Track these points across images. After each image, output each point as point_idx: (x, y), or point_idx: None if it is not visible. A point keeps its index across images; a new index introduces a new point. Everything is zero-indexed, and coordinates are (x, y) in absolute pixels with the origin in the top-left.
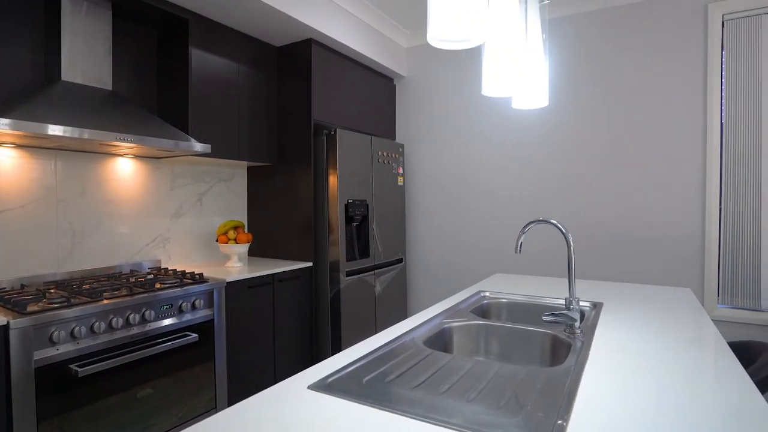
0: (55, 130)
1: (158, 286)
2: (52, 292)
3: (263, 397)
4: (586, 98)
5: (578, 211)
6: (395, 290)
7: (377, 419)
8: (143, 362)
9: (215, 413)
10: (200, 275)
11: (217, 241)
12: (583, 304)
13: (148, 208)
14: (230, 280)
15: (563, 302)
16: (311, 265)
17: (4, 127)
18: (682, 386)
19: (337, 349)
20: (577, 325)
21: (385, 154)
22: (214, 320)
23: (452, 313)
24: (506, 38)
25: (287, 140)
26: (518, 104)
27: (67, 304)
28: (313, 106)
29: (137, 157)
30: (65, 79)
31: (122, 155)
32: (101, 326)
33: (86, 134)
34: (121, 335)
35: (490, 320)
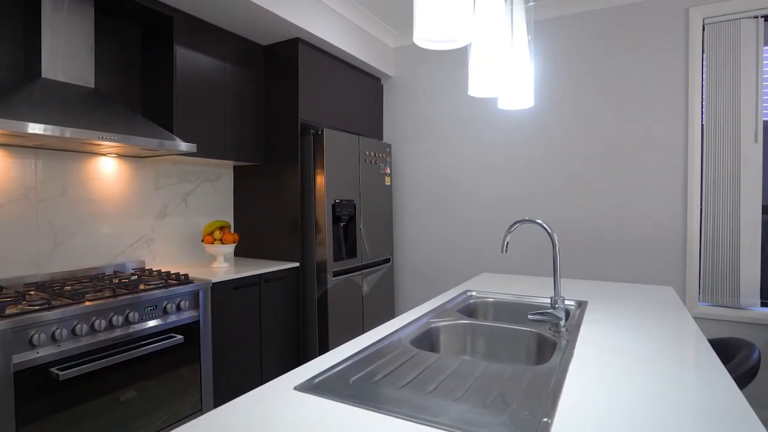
0: (35, 128)
1: (142, 287)
2: (32, 293)
3: (249, 398)
4: (570, 99)
5: (563, 211)
6: (382, 290)
7: (364, 419)
8: (127, 365)
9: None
10: (185, 276)
11: (202, 241)
12: (568, 302)
13: (131, 208)
14: (216, 280)
15: (549, 301)
16: (298, 265)
17: None
18: (664, 383)
19: (324, 349)
20: (562, 323)
21: (372, 154)
22: (199, 321)
23: (439, 312)
24: (492, 39)
25: (274, 140)
26: (504, 105)
27: (47, 306)
28: (300, 105)
29: (120, 156)
30: (46, 76)
31: (105, 154)
32: (83, 328)
33: (68, 133)
34: (103, 337)
35: (476, 319)
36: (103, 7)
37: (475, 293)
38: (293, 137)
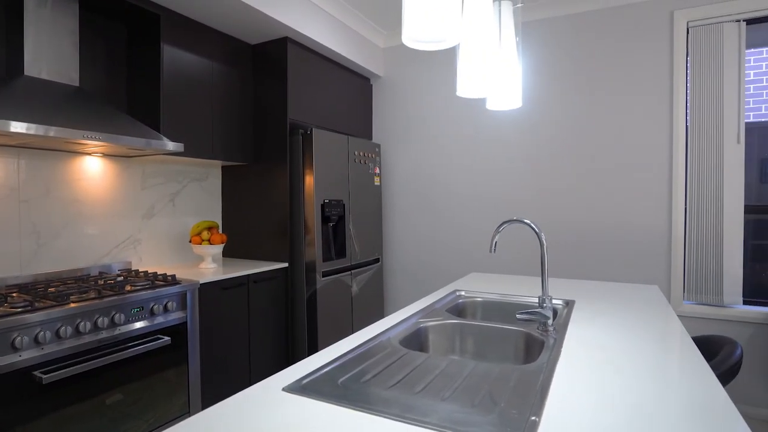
0: (18, 127)
1: (128, 288)
2: (14, 296)
3: (237, 400)
4: (558, 100)
5: (551, 211)
6: (372, 290)
7: (352, 420)
8: (112, 367)
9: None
10: (172, 277)
11: (190, 242)
12: (555, 302)
13: (117, 208)
14: (204, 281)
15: (537, 300)
16: (287, 265)
17: None
18: (649, 380)
19: (313, 350)
20: (550, 322)
21: (361, 153)
22: (187, 323)
23: (428, 312)
24: (480, 40)
25: (262, 139)
26: (493, 105)
27: (30, 308)
28: (289, 105)
29: (106, 155)
30: (28, 74)
31: (90, 154)
32: (67, 331)
33: (52, 132)
34: (88, 339)
35: (465, 319)
36: (88, 4)
37: (463, 293)
38: (282, 137)
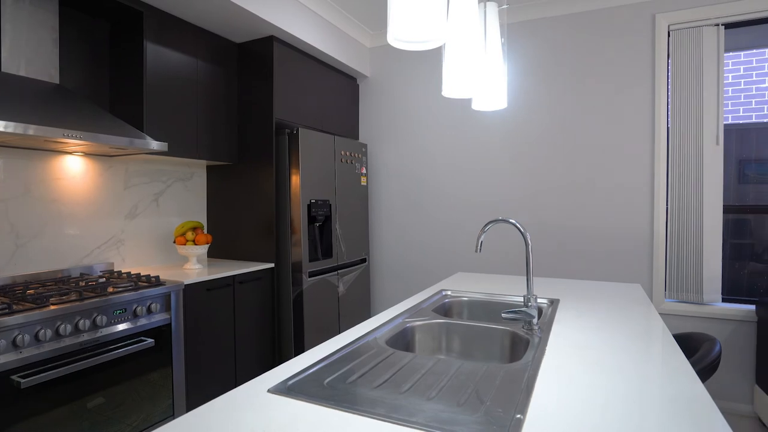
0: None
1: (111, 290)
2: None
3: (221, 402)
4: (542, 101)
5: (536, 211)
6: (359, 290)
7: (339, 421)
8: (94, 370)
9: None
10: (156, 278)
11: (174, 242)
12: (540, 301)
13: (99, 208)
14: (188, 282)
15: (522, 300)
16: (273, 266)
17: None
18: (632, 377)
19: (300, 350)
20: (535, 321)
21: (348, 153)
22: (171, 324)
23: (414, 312)
24: (466, 41)
25: (248, 139)
26: (478, 106)
27: (8, 310)
28: (274, 104)
29: (87, 155)
30: (6, 70)
31: (71, 153)
32: (47, 334)
33: (31, 130)
34: (69, 342)
35: (451, 319)
36: (68, 0)
37: (450, 292)
38: (268, 136)
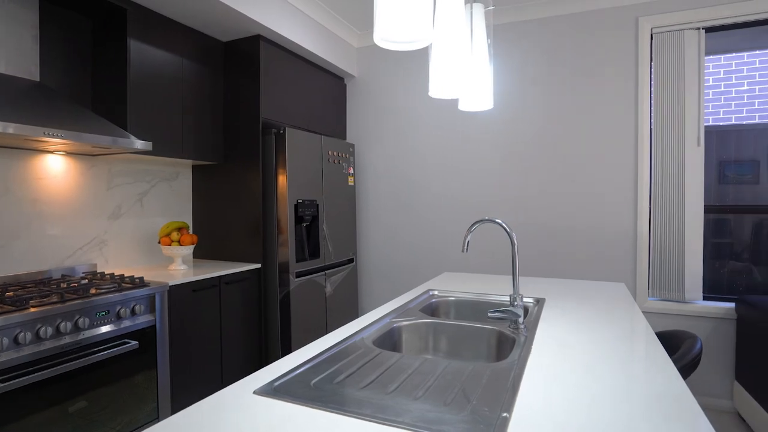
0: None
1: (93, 291)
2: None
3: (206, 404)
4: (527, 102)
5: (522, 211)
6: (346, 291)
7: (325, 421)
8: (76, 374)
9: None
10: (140, 279)
11: (159, 243)
12: (526, 300)
13: (82, 208)
14: (173, 283)
15: (508, 299)
16: (260, 266)
17: None
18: (616, 374)
19: (287, 351)
20: (521, 320)
21: (335, 153)
22: (155, 326)
23: (401, 312)
24: (452, 41)
25: (234, 138)
26: (464, 106)
27: None
28: (261, 103)
29: (69, 154)
30: None
31: (52, 152)
32: (27, 337)
33: (11, 129)
34: (50, 345)
35: (438, 318)
36: None
37: (437, 292)
38: (254, 136)
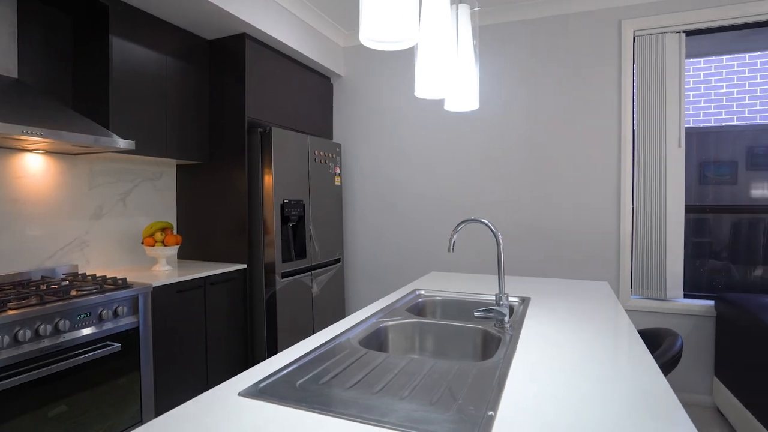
0: None
1: (74, 293)
2: None
3: (190, 406)
4: (513, 103)
5: (507, 211)
6: (333, 291)
7: (311, 422)
8: (56, 377)
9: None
10: (123, 280)
11: (142, 243)
12: (512, 299)
13: (62, 208)
14: (157, 284)
15: (494, 298)
16: (245, 267)
17: None
18: (599, 372)
19: (273, 353)
20: (506, 319)
21: (321, 153)
22: (139, 328)
23: (388, 312)
24: (438, 42)
25: (220, 138)
26: (450, 107)
27: None
28: (247, 102)
29: (49, 153)
30: None
31: (31, 150)
32: (4, 340)
33: None
34: (28, 349)
35: (425, 318)
36: None
37: (423, 292)
38: (240, 135)
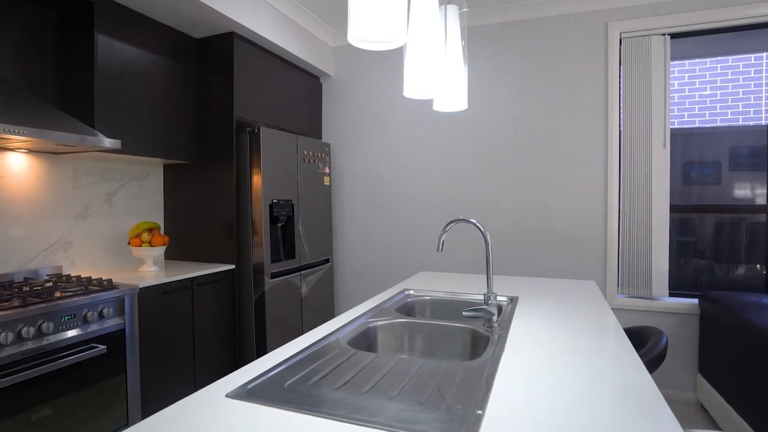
0: None
1: (58, 294)
2: None
3: (177, 408)
4: (501, 104)
5: (496, 211)
6: (322, 291)
7: (299, 423)
8: (39, 380)
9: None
10: (109, 281)
11: (129, 244)
12: (500, 298)
13: (46, 208)
14: (143, 285)
15: (482, 298)
16: (234, 267)
17: None
18: (585, 370)
19: (262, 353)
20: (495, 319)
21: (311, 153)
22: (125, 329)
23: (377, 312)
24: (427, 42)
25: (208, 137)
26: (439, 107)
27: None
28: (235, 102)
29: (32, 152)
30: None
31: (13, 149)
32: None
33: None
34: (11, 352)
35: (414, 318)
36: None
37: (412, 292)
38: (228, 135)
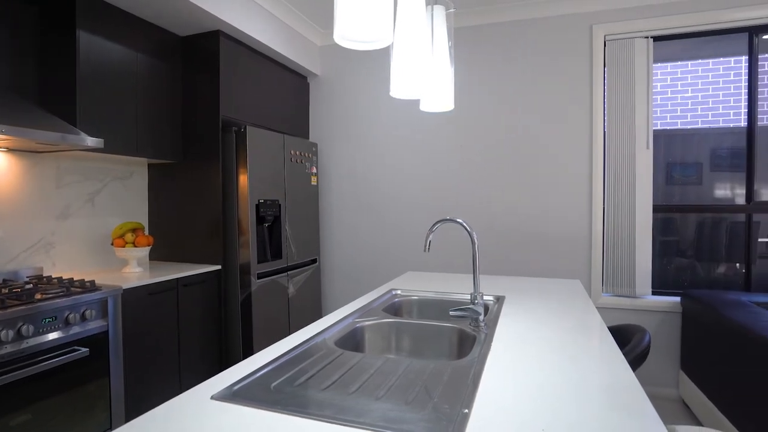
0: None
1: (39, 296)
2: None
3: (161, 411)
4: (488, 105)
5: (482, 212)
6: (309, 291)
7: (285, 425)
8: (19, 384)
9: None
10: (91, 282)
11: (112, 244)
12: (487, 298)
13: (25, 208)
14: (127, 286)
15: (469, 297)
16: (220, 268)
17: None
18: (569, 369)
19: (249, 355)
20: (481, 318)
21: (298, 153)
22: (108, 332)
23: (364, 312)
24: (413, 42)
25: (193, 136)
26: (425, 107)
27: None
28: (221, 101)
29: (12, 150)
30: None
31: None
32: None
33: None
34: None
35: (401, 318)
36: None
37: (400, 292)
38: (214, 134)
